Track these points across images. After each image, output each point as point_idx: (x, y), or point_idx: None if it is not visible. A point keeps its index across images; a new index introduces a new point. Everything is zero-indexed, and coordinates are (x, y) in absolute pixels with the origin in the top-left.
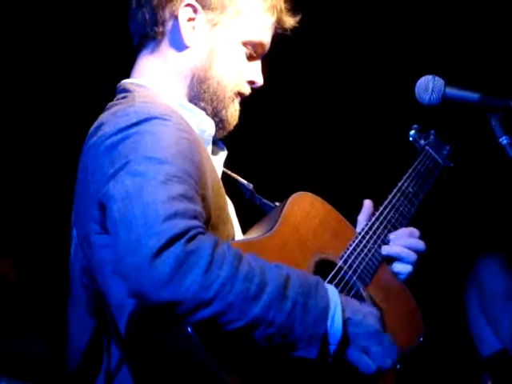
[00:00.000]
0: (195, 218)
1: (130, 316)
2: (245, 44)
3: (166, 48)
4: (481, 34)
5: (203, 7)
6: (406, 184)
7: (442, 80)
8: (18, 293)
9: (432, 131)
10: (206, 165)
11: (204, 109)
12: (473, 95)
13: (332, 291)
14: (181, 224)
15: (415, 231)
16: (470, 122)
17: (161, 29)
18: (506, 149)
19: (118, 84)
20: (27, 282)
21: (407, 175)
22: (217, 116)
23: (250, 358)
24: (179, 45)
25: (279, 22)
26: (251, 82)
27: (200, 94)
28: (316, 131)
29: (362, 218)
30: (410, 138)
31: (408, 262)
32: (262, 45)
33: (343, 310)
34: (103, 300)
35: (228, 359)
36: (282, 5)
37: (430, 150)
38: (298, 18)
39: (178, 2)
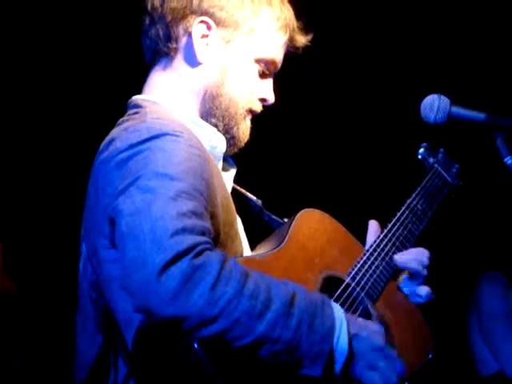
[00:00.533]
0: (203, 234)
1: (137, 331)
2: (257, 61)
3: (178, 64)
4: (486, 52)
5: (217, 24)
6: (414, 201)
7: (447, 99)
8: (21, 307)
9: (441, 149)
10: (215, 182)
11: (215, 125)
12: (478, 115)
13: (337, 309)
14: (188, 240)
15: (425, 251)
16: (475, 140)
17: (174, 45)
18: (511, 169)
19: (130, 100)
20: (30, 297)
21: (416, 192)
22: (228, 133)
23: (256, 375)
24: (192, 61)
25: (291, 41)
26: (263, 100)
27: (212, 110)
28: (325, 147)
29: (370, 239)
30: (419, 156)
31: (424, 280)
32: (274, 62)
33: (349, 327)
34: (111, 315)
35: (234, 376)
36: (295, 24)
37: (439, 168)
38: (309, 37)
39: (192, 18)
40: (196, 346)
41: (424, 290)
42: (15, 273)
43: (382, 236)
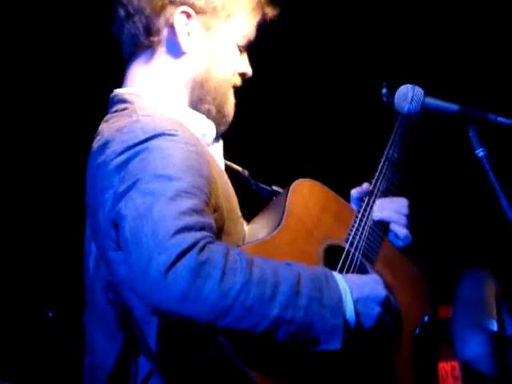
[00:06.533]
0: (204, 229)
1: (157, 329)
2: (237, 42)
3: (162, 56)
4: (463, 43)
5: (196, 12)
6: (391, 151)
7: (421, 90)
8: None
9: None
10: (214, 173)
11: (208, 110)
12: (451, 106)
13: (339, 278)
14: (190, 237)
15: (404, 200)
16: (450, 132)
17: (156, 38)
18: (482, 161)
19: (112, 94)
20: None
21: (390, 141)
22: (220, 112)
23: (280, 361)
24: (177, 52)
25: (263, 15)
26: (243, 75)
27: (202, 96)
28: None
29: (354, 193)
30: (384, 98)
31: (402, 225)
32: (250, 40)
33: (351, 294)
34: (130, 314)
35: (258, 364)
36: None
37: None
38: (277, 9)
39: (171, 9)
40: (221, 338)
41: (402, 232)
42: None
43: (368, 193)
